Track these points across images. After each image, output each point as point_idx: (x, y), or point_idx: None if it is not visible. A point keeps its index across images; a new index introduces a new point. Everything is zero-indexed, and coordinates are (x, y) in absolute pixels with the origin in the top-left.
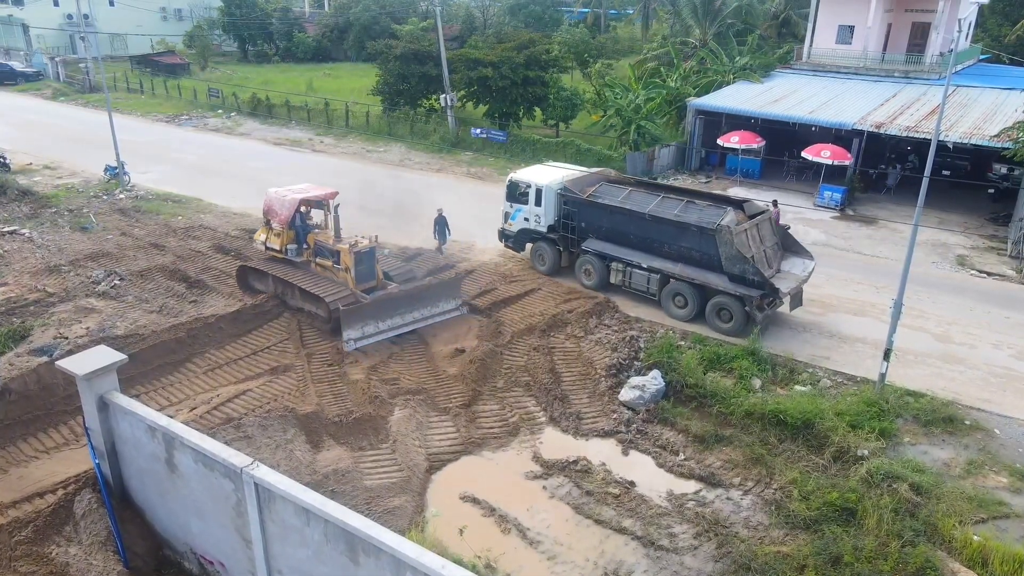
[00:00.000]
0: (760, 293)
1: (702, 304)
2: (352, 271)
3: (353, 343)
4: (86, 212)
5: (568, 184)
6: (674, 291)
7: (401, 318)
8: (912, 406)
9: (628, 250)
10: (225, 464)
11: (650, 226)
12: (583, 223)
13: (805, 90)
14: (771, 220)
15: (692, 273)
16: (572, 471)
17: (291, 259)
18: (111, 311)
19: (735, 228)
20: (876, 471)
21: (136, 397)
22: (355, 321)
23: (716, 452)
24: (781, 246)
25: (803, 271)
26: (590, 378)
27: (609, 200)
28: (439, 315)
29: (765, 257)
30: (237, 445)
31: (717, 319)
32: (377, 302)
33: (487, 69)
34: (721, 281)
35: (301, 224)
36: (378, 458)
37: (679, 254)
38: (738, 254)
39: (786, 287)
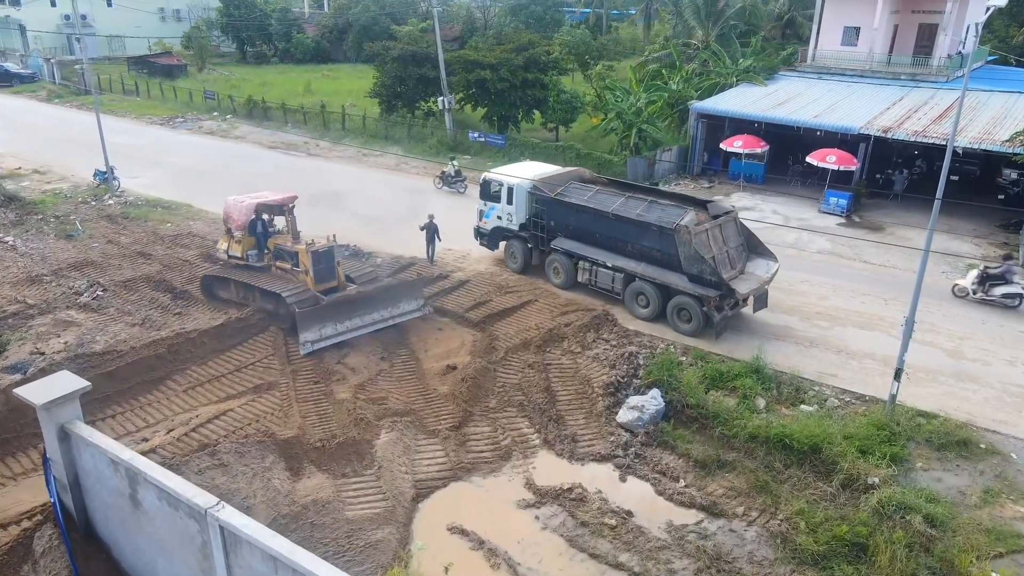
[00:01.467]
0: (717, 294)
1: (664, 304)
2: (311, 271)
3: (310, 345)
4: (72, 219)
5: (538, 183)
6: (637, 290)
7: (360, 319)
8: (924, 428)
9: (594, 249)
10: (189, 504)
11: (614, 225)
12: (552, 222)
13: (810, 93)
14: (735, 221)
15: (654, 273)
16: (566, 499)
17: (252, 264)
18: (92, 324)
19: (694, 228)
20: (888, 502)
21: (112, 418)
22: (312, 323)
23: (718, 478)
24: (747, 247)
25: (766, 272)
26: (587, 397)
27: (576, 199)
28: (401, 316)
29: (728, 258)
30: (212, 474)
31: (677, 319)
32: (334, 303)
33: (486, 71)
34: (681, 281)
35: (262, 230)
36: (361, 486)
37: (642, 253)
38: (696, 254)
39: (745, 288)
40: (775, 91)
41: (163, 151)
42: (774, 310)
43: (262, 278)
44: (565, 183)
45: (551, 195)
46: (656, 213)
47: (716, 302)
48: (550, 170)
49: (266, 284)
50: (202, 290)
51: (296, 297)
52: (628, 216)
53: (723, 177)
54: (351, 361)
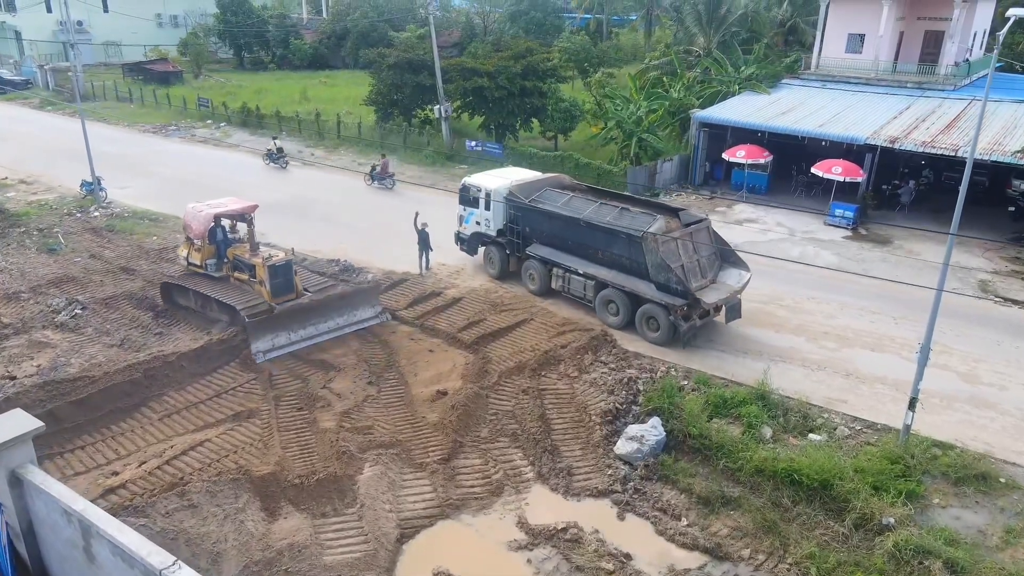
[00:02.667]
0: (684, 303)
1: (633, 312)
2: (267, 284)
3: (262, 355)
4: (56, 232)
5: (514, 189)
6: (607, 298)
7: (315, 328)
8: (941, 461)
9: (567, 255)
10: (143, 563)
11: (586, 232)
12: (527, 228)
13: (814, 102)
14: (708, 229)
15: (623, 280)
16: (561, 540)
17: (210, 274)
18: (67, 345)
19: (661, 236)
20: (905, 545)
21: (82, 449)
22: (263, 332)
23: (723, 517)
24: (719, 256)
25: (738, 282)
26: (583, 426)
27: (549, 205)
28: (358, 324)
29: (698, 267)
30: (180, 516)
31: (645, 327)
32: (286, 312)
33: (483, 79)
34: (648, 289)
35: (223, 238)
36: (342, 527)
37: (612, 261)
38: (662, 262)
39: (712, 298)
40: (778, 99)
41: (154, 160)
42: (780, 330)
43: (219, 289)
44: (541, 189)
45: (526, 201)
46: (626, 220)
47: (683, 311)
48: (529, 176)
49: (222, 296)
50: (161, 297)
51: (251, 310)
52: (598, 223)
53: (726, 187)
54: (337, 386)
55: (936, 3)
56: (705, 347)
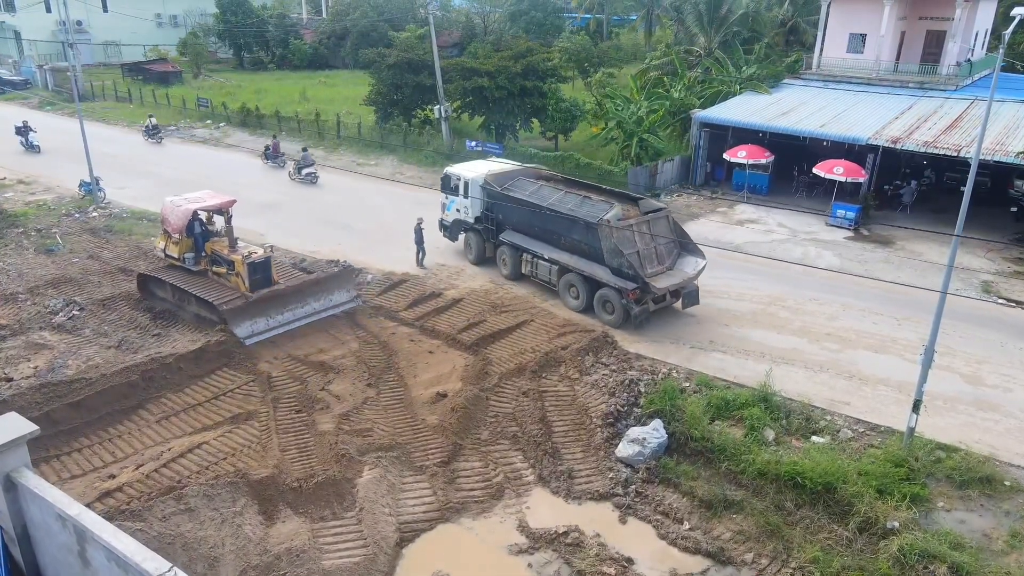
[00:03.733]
0: (635, 287)
1: (591, 296)
2: (246, 281)
3: (243, 342)
4: (54, 232)
5: (489, 178)
6: (569, 282)
7: (292, 313)
8: (945, 463)
9: (535, 241)
10: (138, 569)
11: (550, 219)
12: (501, 215)
13: (815, 102)
14: (668, 219)
15: (582, 265)
16: (562, 544)
17: (188, 267)
18: (65, 347)
19: (615, 223)
20: (909, 549)
21: (79, 451)
22: (241, 318)
23: (725, 520)
24: (678, 245)
25: (693, 269)
26: (584, 428)
27: (519, 193)
28: (334, 308)
29: (655, 254)
30: (177, 520)
31: (602, 311)
32: (262, 298)
33: (483, 79)
34: (604, 273)
35: (200, 232)
36: (341, 531)
37: (573, 246)
38: (615, 248)
39: (664, 283)
40: (779, 100)
41: (153, 160)
42: (782, 331)
43: (197, 283)
44: (515, 179)
45: (499, 189)
46: (585, 208)
47: (635, 295)
48: (508, 167)
49: (200, 291)
50: (139, 288)
51: (229, 304)
52: (561, 210)
53: (727, 188)
54: (336, 388)
55: (938, 3)
56: (707, 348)
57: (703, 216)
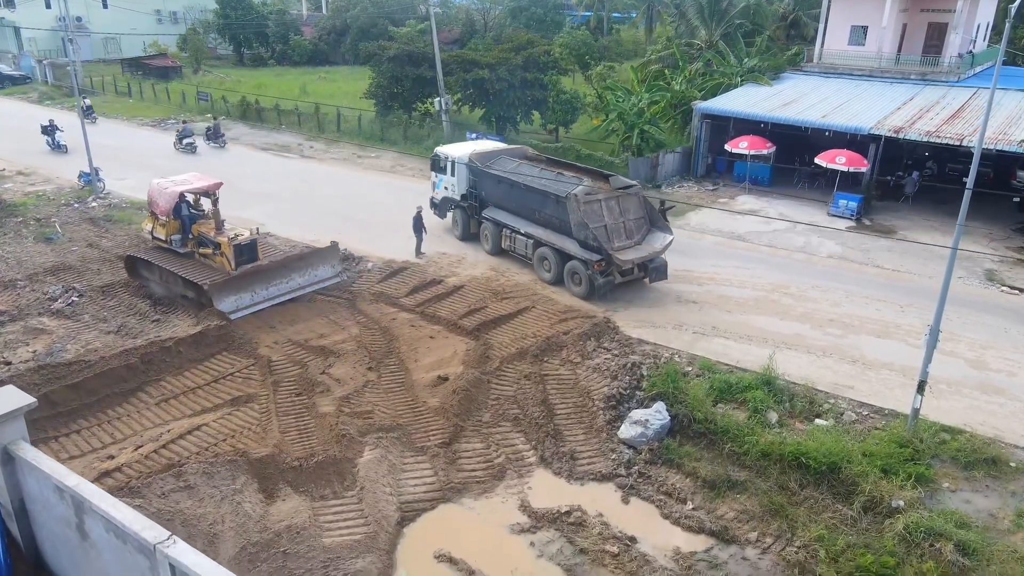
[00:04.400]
0: (599, 258)
1: (562, 268)
2: (232, 262)
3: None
4: (53, 222)
5: (473, 156)
6: (543, 256)
7: (277, 288)
8: (950, 445)
9: (513, 217)
10: (137, 538)
11: (526, 195)
12: (483, 192)
13: (817, 93)
14: (638, 196)
15: (554, 238)
16: (564, 524)
17: (175, 249)
18: (64, 332)
19: (583, 197)
20: (915, 527)
21: (77, 433)
22: (226, 293)
23: (729, 500)
24: (648, 221)
25: (660, 244)
26: (586, 411)
27: (499, 170)
28: (318, 283)
29: (623, 228)
30: (176, 497)
31: (571, 283)
32: (245, 274)
33: (483, 71)
34: (572, 246)
35: (188, 214)
36: (341, 509)
37: (546, 221)
38: (582, 221)
39: (629, 256)
40: (781, 91)
41: (152, 153)
42: (784, 317)
43: (183, 265)
44: (498, 157)
45: (481, 167)
46: (558, 184)
47: (600, 266)
48: (493, 146)
49: (186, 272)
50: (126, 270)
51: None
52: (534, 186)
53: (728, 180)
54: (336, 372)
55: None
56: (710, 334)
57: (704, 206)
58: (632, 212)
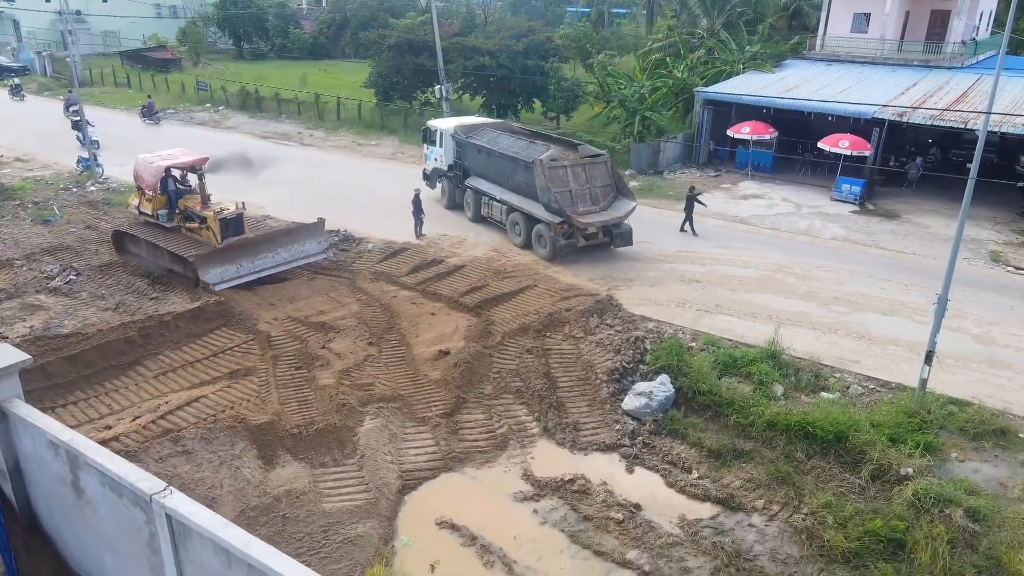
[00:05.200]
0: (560, 221)
1: (530, 232)
2: (218, 236)
3: (212, 287)
4: (51, 204)
5: (458, 128)
6: (514, 221)
7: (263, 261)
8: (957, 417)
9: (490, 184)
10: (133, 490)
11: (501, 163)
12: (466, 162)
13: (820, 79)
14: (605, 164)
15: (523, 203)
16: (568, 492)
17: (162, 224)
18: (61, 308)
19: (547, 163)
20: (924, 494)
21: (75, 404)
22: (211, 265)
23: (735, 470)
24: (616, 189)
25: (623, 210)
26: (590, 384)
27: (479, 141)
28: (304, 258)
29: (589, 195)
30: (174, 462)
31: (538, 245)
32: (231, 246)
33: (484, 57)
34: (538, 210)
35: (174, 189)
36: (342, 476)
37: (517, 187)
38: (547, 185)
39: (590, 220)
40: (784, 78)
41: (150, 141)
42: (789, 296)
43: (170, 239)
44: (481, 129)
45: (464, 137)
46: (527, 151)
47: (562, 228)
48: (479, 120)
49: (172, 246)
50: (113, 245)
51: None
52: (508, 153)
53: (730, 167)
54: (336, 346)
55: None
56: (713, 312)
57: (706, 191)
58: (599, 179)
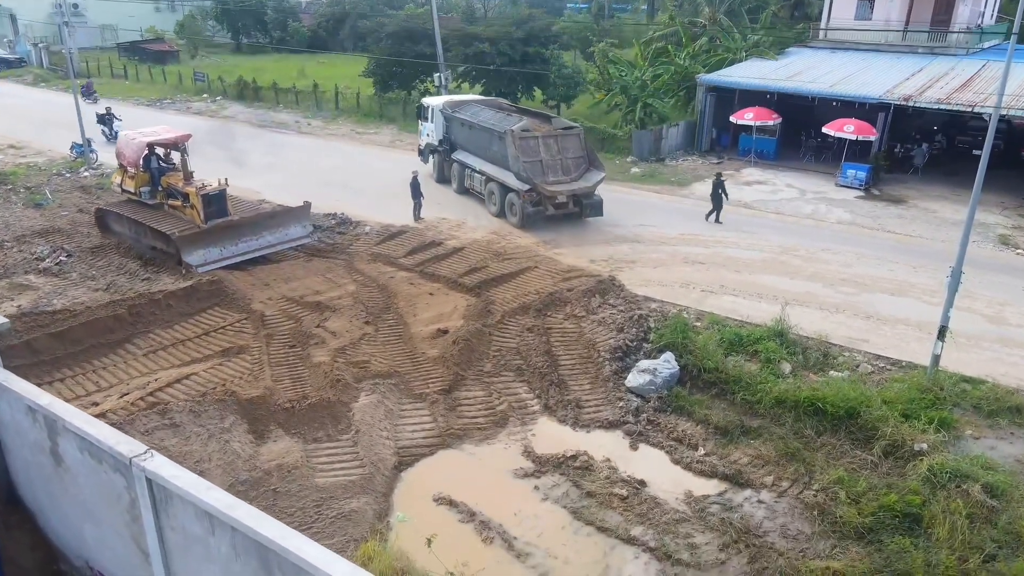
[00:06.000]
0: (527, 188)
1: (504, 200)
2: (201, 213)
3: (195, 268)
4: (43, 188)
5: (446, 104)
6: (491, 190)
7: (247, 244)
8: (971, 394)
9: (472, 157)
10: (112, 453)
11: (480, 135)
12: (453, 136)
13: (823, 66)
14: (578, 137)
15: (497, 173)
16: (570, 468)
17: (145, 201)
18: (50, 289)
19: (519, 132)
20: (940, 469)
21: (61, 381)
22: (194, 246)
23: (742, 446)
24: (588, 161)
25: (593, 181)
26: (592, 362)
27: (462, 115)
28: (289, 242)
29: (561, 166)
30: (161, 435)
31: (509, 213)
32: (216, 228)
33: (484, 45)
34: (510, 178)
35: (157, 166)
36: (336, 451)
37: (493, 158)
38: (517, 155)
39: (558, 189)
40: (787, 64)
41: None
42: (795, 277)
43: (152, 216)
44: (467, 105)
45: (450, 112)
46: (503, 123)
47: (529, 196)
48: (469, 98)
49: (156, 224)
50: (96, 223)
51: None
52: (485, 125)
53: (733, 154)
54: (332, 325)
55: None
56: (718, 292)
57: (709, 178)
58: (571, 151)
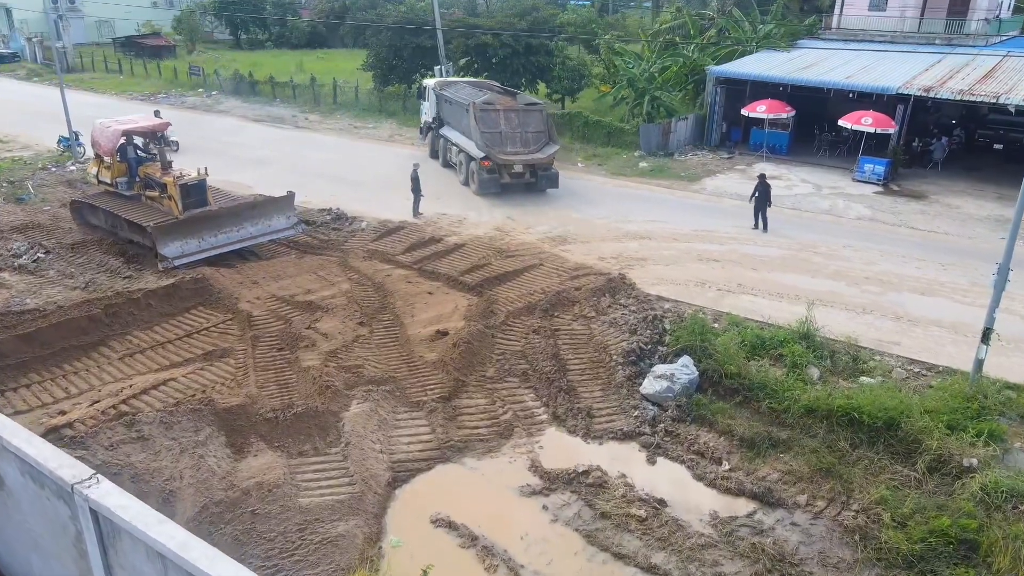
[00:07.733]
0: (483, 156)
1: (468, 169)
2: (179, 203)
3: (170, 261)
4: (26, 183)
5: (438, 83)
6: (460, 161)
7: (227, 236)
8: (1017, 402)
9: (452, 131)
10: (52, 478)
11: (456, 109)
12: (442, 114)
13: (837, 57)
14: (541, 112)
15: (464, 143)
16: (582, 485)
17: (122, 192)
18: (24, 287)
19: (480, 105)
20: (994, 488)
21: (27, 387)
22: (170, 238)
23: (771, 460)
24: (548, 136)
25: (547, 153)
26: (603, 366)
27: (447, 93)
28: (272, 233)
29: (520, 139)
30: (127, 449)
31: (470, 180)
32: (194, 219)
33: (486, 36)
34: (471, 147)
35: (134, 156)
36: (323, 467)
37: (463, 130)
38: (476, 126)
39: (511, 158)
40: (800, 56)
41: None
42: (816, 275)
43: (129, 208)
44: (456, 84)
45: (440, 91)
46: (471, 97)
47: (485, 164)
48: (464, 80)
49: (133, 215)
50: (72, 215)
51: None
52: (458, 100)
53: (744, 148)
54: (324, 326)
55: None
56: (736, 291)
57: (720, 172)
58: (532, 126)
